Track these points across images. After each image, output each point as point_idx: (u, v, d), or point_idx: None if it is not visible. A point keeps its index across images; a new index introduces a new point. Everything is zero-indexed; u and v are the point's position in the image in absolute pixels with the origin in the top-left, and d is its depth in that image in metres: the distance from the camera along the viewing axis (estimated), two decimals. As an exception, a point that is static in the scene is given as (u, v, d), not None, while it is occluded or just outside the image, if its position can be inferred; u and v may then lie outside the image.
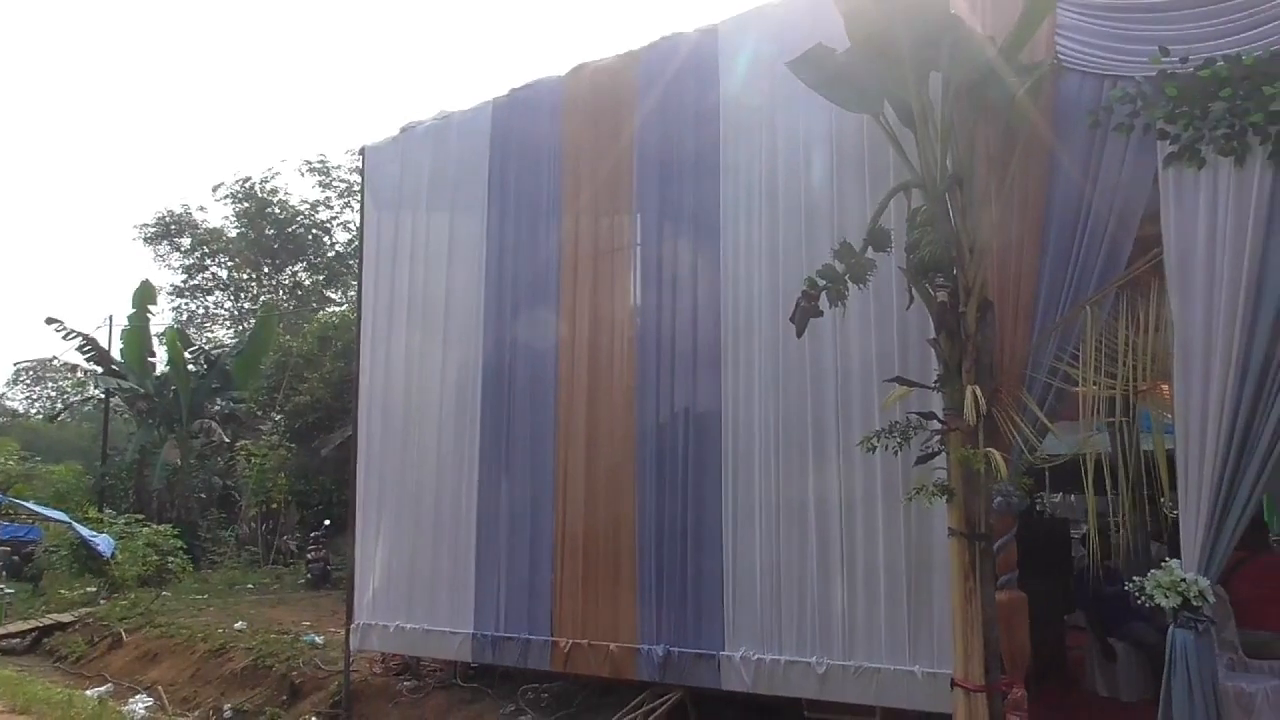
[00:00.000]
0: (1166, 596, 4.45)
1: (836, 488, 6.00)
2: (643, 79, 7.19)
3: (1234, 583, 6.36)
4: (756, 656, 6.18)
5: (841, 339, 6.04)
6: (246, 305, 32.99)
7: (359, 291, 9.18)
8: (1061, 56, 5.23)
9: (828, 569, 5.99)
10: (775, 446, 6.28)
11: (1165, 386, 5.00)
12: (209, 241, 32.69)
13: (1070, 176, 5.15)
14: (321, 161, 31.96)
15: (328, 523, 17.24)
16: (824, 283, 4.91)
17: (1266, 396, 4.43)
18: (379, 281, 8.79)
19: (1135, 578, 4.64)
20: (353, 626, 8.51)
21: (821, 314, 4.96)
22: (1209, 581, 4.45)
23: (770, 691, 6.17)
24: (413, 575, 8.12)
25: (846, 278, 4.91)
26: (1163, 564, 4.57)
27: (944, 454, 4.91)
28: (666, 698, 6.80)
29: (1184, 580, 4.43)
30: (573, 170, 7.52)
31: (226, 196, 32.04)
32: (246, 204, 31.79)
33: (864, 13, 4.85)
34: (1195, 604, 4.42)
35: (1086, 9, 5.19)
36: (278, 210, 31.81)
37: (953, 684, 4.85)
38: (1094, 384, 5.03)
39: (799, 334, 4.98)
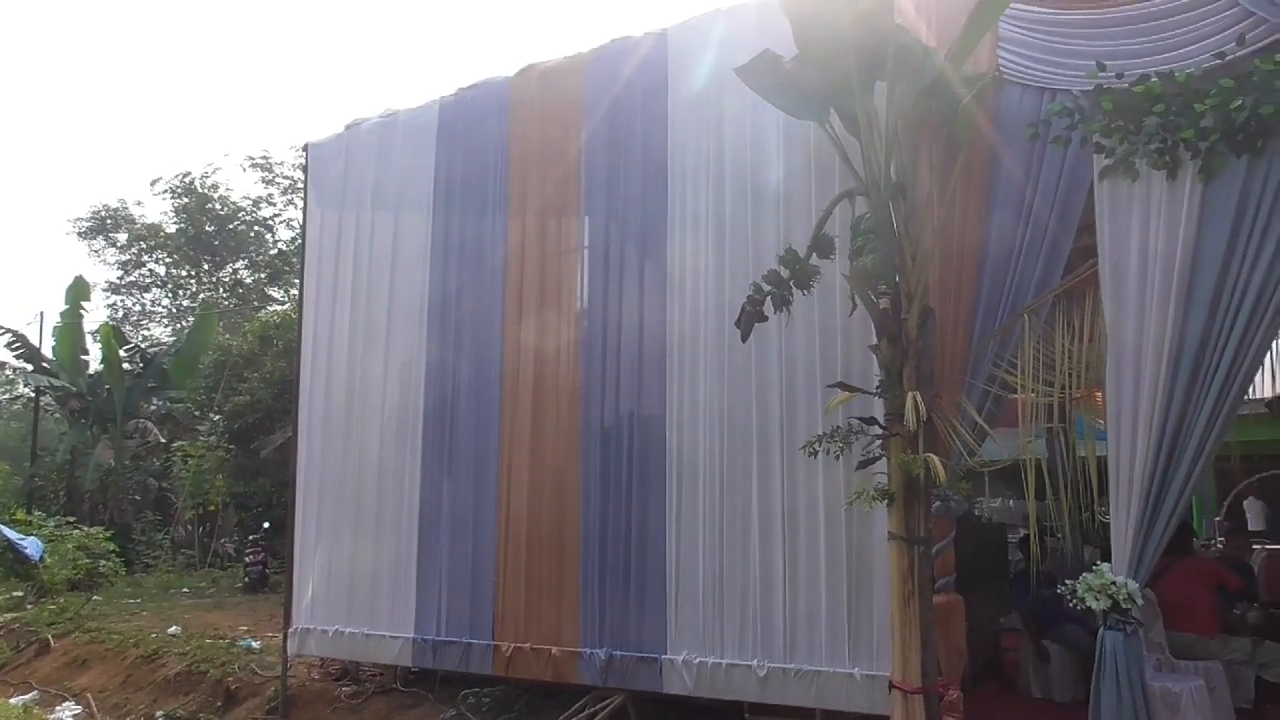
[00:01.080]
0: (1097, 599, 4.55)
1: (779, 492, 6.04)
2: (591, 81, 7.19)
3: (1162, 585, 6.55)
4: (699, 660, 6.20)
5: (786, 344, 6.09)
6: (185, 303, 32.22)
7: (300, 290, 9.05)
8: (1003, 69, 5.33)
9: (770, 572, 6.03)
10: (719, 450, 6.31)
11: (1099, 394, 5.13)
12: (146, 237, 31.85)
13: (1010, 187, 5.26)
14: (265, 157, 31.39)
15: (267, 525, 16.91)
16: (769, 288, 4.94)
17: (1193, 406, 4.56)
18: (321, 280, 8.66)
19: (1068, 581, 4.74)
20: (290, 631, 8.37)
21: (766, 319, 5.00)
22: (1138, 584, 4.56)
23: (712, 695, 6.19)
24: (352, 579, 8.00)
25: (791, 284, 4.95)
26: (1094, 567, 4.67)
27: (885, 459, 4.97)
28: (608, 702, 6.78)
29: (1114, 583, 4.53)
30: (520, 171, 7.49)
31: (165, 191, 31.27)
32: (186, 199, 31.06)
33: (810, 21, 4.89)
34: (1124, 606, 4.52)
35: (1028, 23, 5.30)
36: (219, 206, 31.14)
37: (891, 686, 4.90)
38: (1031, 391, 5.14)
39: (743, 339, 5.01)
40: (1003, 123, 5.33)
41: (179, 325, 30.66)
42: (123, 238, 32.36)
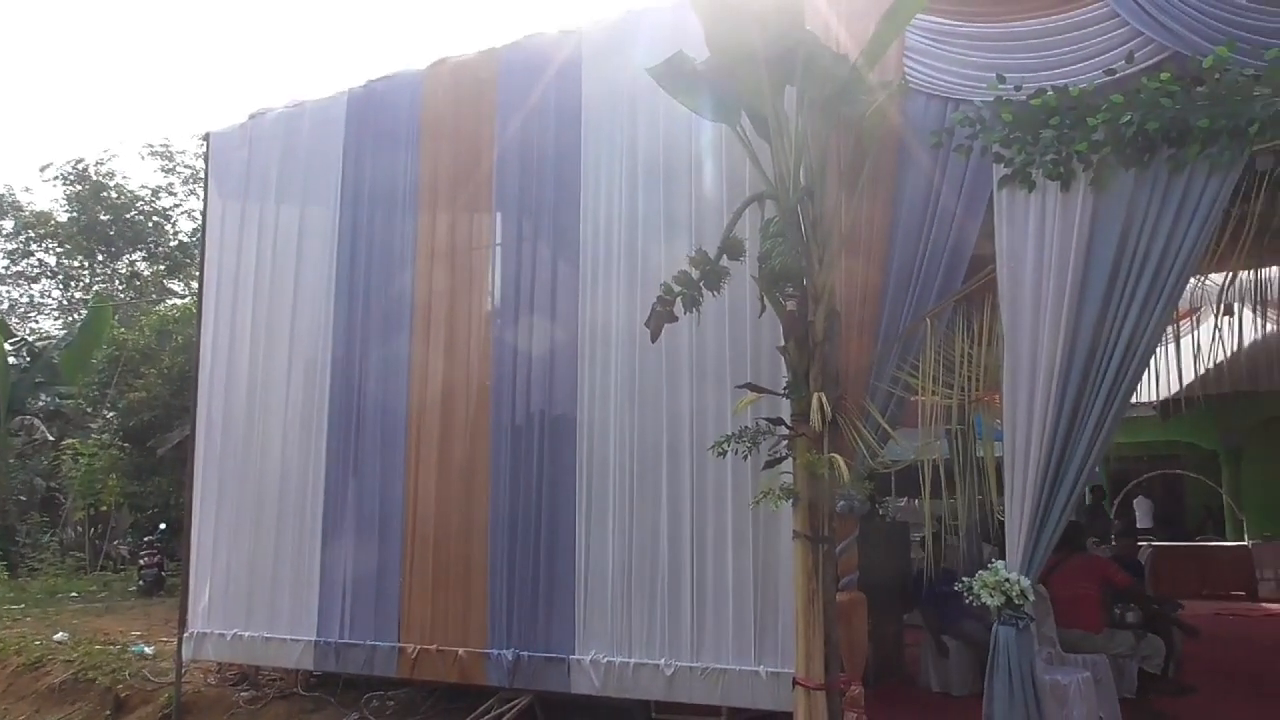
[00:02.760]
0: (991, 595, 4.69)
1: (688, 491, 6.09)
2: (505, 77, 7.13)
3: (1054, 582, 6.79)
4: (606, 659, 6.20)
5: (697, 345, 6.13)
6: (78, 295, 30.84)
7: (200, 283, 8.76)
8: (909, 78, 5.47)
9: (678, 572, 6.06)
10: (630, 449, 6.32)
11: (996, 397, 5.29)
12: (35, 225, 30.36)
13: (915, 193, 5.40)
14: (165, 145, 30.26)
15: (164, 526, 16.35)
16: (679, 289, 4.96)
17: (1084, 408, 4.74)
18: (222, 273, 8.40)
19: (964, 578, 4.88)
20: (186, 635, 8.10)
21: (676, 319, 5.01)
22: (1030, 581, 4.72)
23: (619, 694, 6.19)
24: (252, 581, 7.78)
25: (701, 284, 4.98)
26: (989, 565, 4.82)
27: (791, 459, 5.04)
28: (515, 702, 6.73)
29: (1008, 580, 4.68)
30: (431, 166, 7.38)
31: (56, 178, 29.81)
32: (79, 187, 29.68)
33: (722, 24, 4.93)
34: (1017, 602, 4.67)
35: (933, 34, 5.45)
36: (115, 195, 29.87)
37: (794, 683, 4.97)
38: (933, 393, 5.28)
39: (653, 339, 5.02)
40: (908, 130, 5.46)
41: (70, 318, 29.31)
42: (9, 225, 30.78)
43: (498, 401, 6.87)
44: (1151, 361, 12.07)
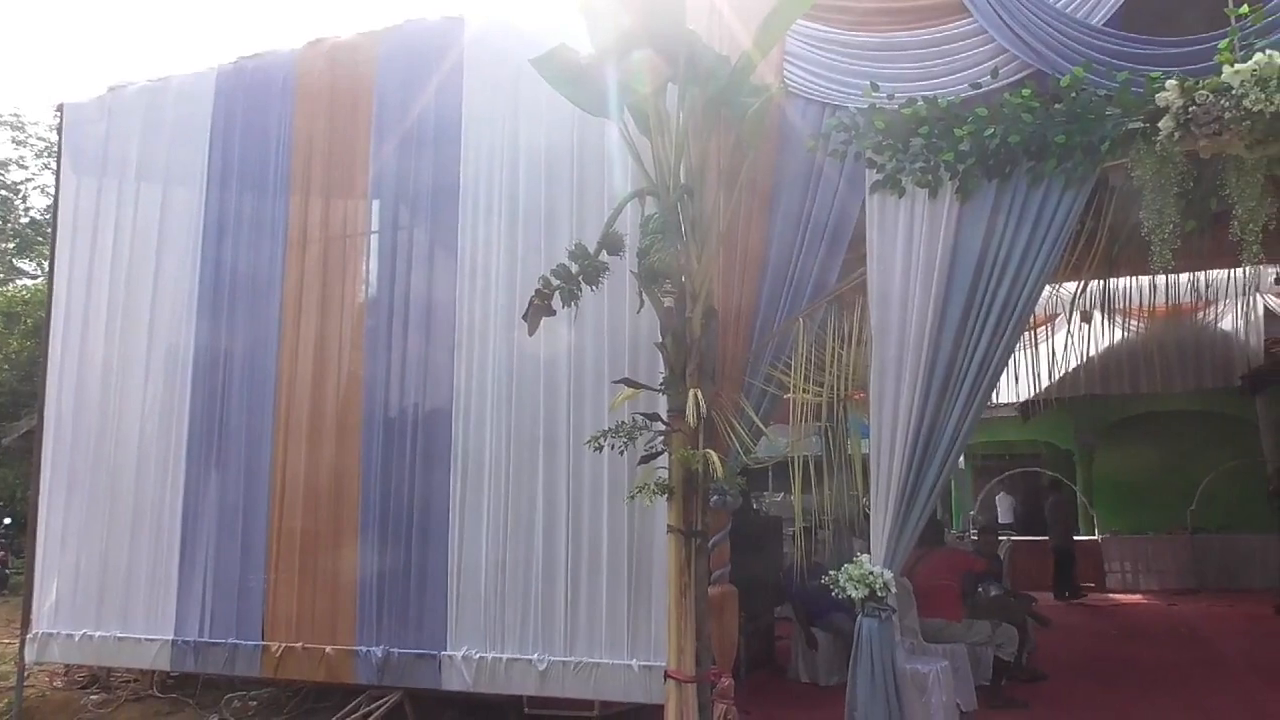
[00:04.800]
0: (856, 588, 4.84)
1: (565, 486, 6.06)
2: (384, 61, 6.93)
3: (917, 575, 7.07)
4: (479, 655, 6.12)
5: (576, 339, 6.10)
6: (-86, 272, 28.67)
7: (52, 264, 8.23)
8: (789, 82, 5.57)
9: (553, 566, 6.03)
10: (506, 443, 6.25)
11: (861, 395, 5.45)
12: None
13: (792, 195, 5.50)
14: (15, 115, 28.35)
15: (8, 521, 15.38)
16: (558, 282, 4.93)
17: (945, 406, 4.93)
18: (76, 253, 7.91)
19: (831, 571, 5.02)
20: (30, 636, 7.60)
21: (554, 313, 4.98)
22: (892, 574, 4.89)
23: (491, 690, 6.12)
24: (105, 579, 7.36)
25: (580, 279, 4.96)
26: (855, 558, 4.97)
27: (666, 454, 5.08)
28: (384, 700, 6.59)
29: (871, 573, 4.84)
30: (304, 150, 7.12)
31: (-109, 145, 27.72)
32: (-83, 156, 27.63)
33: (604, 19, 4.92)
34: (880, 595, 4.83)
35: (812, 40, 5.56)
36: (-43, 166, 27.89)
37: (666, 676, 5.01)
38: (804, 391, 5.40)
39: (530, 332, 4.96)
40: (786, 133, 5.57)
41: (-93, 297, 27.24)
42: None
43: (370, 393, 6.69)
44: (1013, 365, 12.79)
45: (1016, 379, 13.49)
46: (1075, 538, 14.24)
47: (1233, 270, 12.36)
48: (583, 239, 5.17)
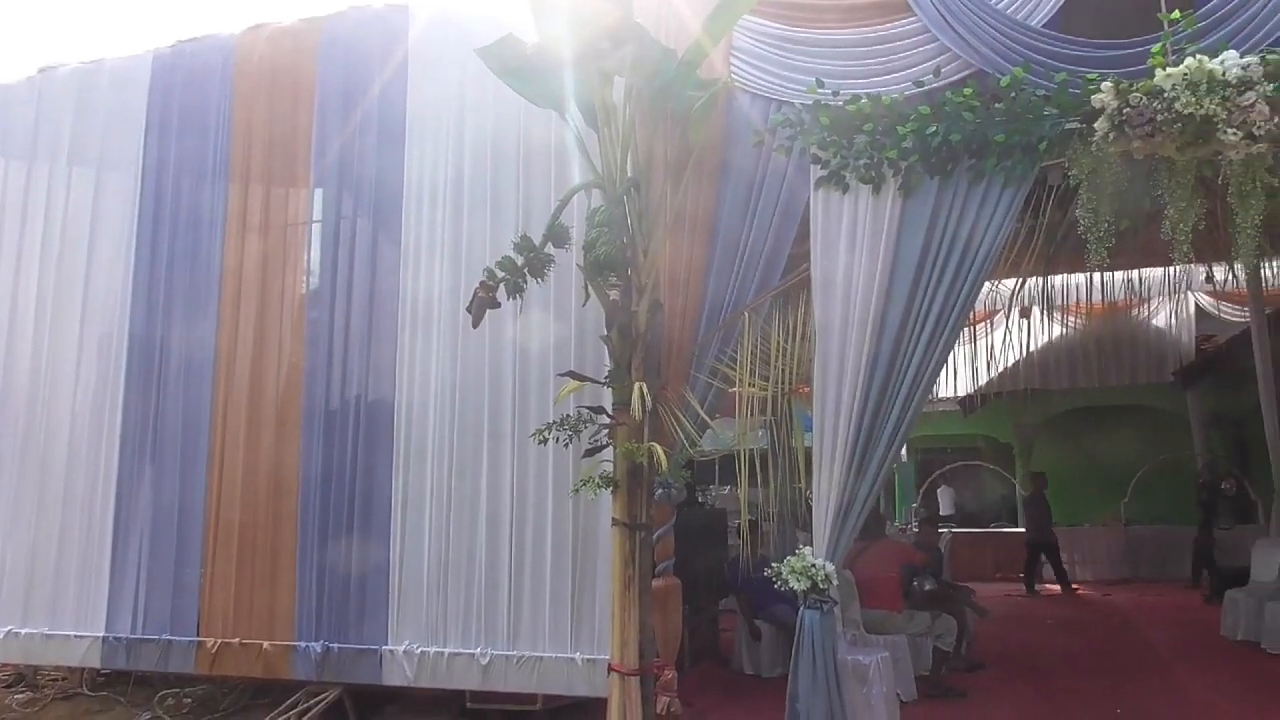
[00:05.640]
0: (798, 580, 4.87)
1: (509, 479, 6.02)
2: (327, 47, 6.81)
3: (859, 567, 7.15)
4: (420, 650, 6.06)
5: (521, 332, 6.06)
6: None
7: (-21, 248, 7.95)
8: (735, 77, 5.58)
9: (496, 560, 5.99)
10: (449, 436, 6.19)
11: (806, 389, 5.50)
12: None
13: (737, 190, 5.52)
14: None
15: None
16: (503, 274, 4.89)
17: (887, 401, 4.99)
18: (4, 239, 7.63)
19: (774, 563, 5.05)
20: (-49, 634, 7.36)
21: (499, 305, 4.94)
22: (834, 566, 4.93)
23: (433, 684, 6.07)
24: (31, 574, 7.14)
25: (525, 271, 4.93)
26: (797, 551, 5.01)
27: (611, 447, 5.07)
28: (323, 696, 6.49)
29: (813, 565, 4.88)
30: (244, 136, 6.96)
31: None
32: None
33: (550, 10, 4.88)
34: (822, 586, 4.88)
35: (758, 36, 5.57)
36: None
37: (609, 669, 5.01)
38: (750, 385, 5.43)
39: (475, 324, 4.93)
40: (733, 128, 5.58)
41: None
42: None
43: (311, 384, 6.58)
44: (954, 360, 13.01)
45: (957, 374, 13.75)
46: (1015, 530, 14.54)
47: (1166, 269, 12.72)
48: (529, 231, 5.13)
